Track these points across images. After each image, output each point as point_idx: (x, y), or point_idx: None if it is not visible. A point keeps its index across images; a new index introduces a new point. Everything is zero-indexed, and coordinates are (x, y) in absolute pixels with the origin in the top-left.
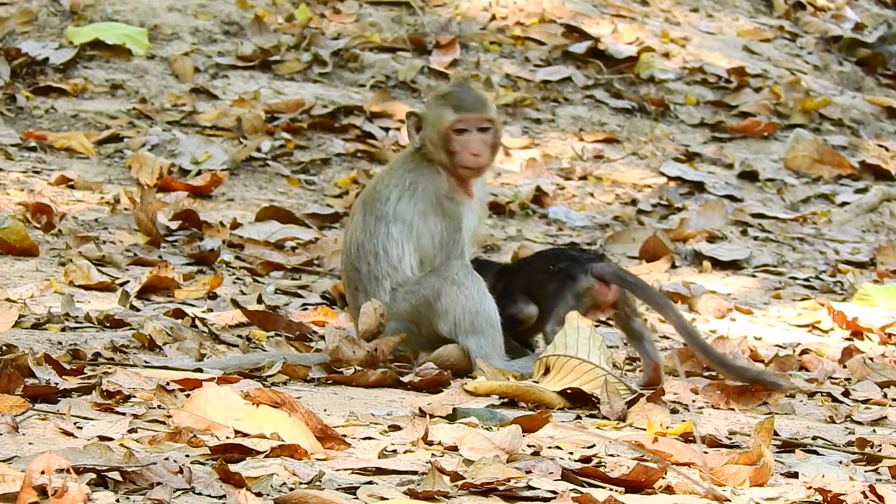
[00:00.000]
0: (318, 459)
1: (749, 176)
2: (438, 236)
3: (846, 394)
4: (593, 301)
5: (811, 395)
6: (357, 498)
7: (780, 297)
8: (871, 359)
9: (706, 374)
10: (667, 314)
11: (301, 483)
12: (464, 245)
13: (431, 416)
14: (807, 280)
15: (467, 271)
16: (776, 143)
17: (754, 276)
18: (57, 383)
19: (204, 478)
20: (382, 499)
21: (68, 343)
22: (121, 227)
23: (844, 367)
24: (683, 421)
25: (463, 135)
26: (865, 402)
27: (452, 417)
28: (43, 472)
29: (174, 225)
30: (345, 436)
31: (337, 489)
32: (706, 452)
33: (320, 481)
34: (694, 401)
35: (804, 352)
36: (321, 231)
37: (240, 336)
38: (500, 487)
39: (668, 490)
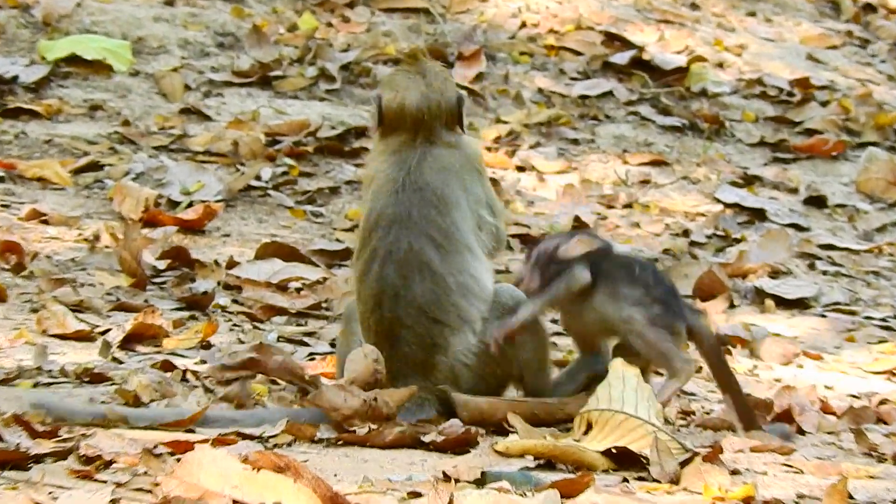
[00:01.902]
0: None
1: (816, 202)
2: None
3: None
4: None
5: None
6: None
7: (854, 339)
8: None
9: (768, 427)
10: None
11: None
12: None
13: (457, 481)
14: (884, 320)
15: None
16: (846, 163)
17: (824, 316)
18: (28, 447)
19: None
20: None
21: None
22: (101, 267)
23: None
24: (745, 483)
25: None
26: None
27: (481, 482)
28: None
29: (162, 264)
30: None
31: None
32: None
33: None
34: (765, 471)
35: (882, 402)
36: (330, 270)
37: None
38: None
39: None
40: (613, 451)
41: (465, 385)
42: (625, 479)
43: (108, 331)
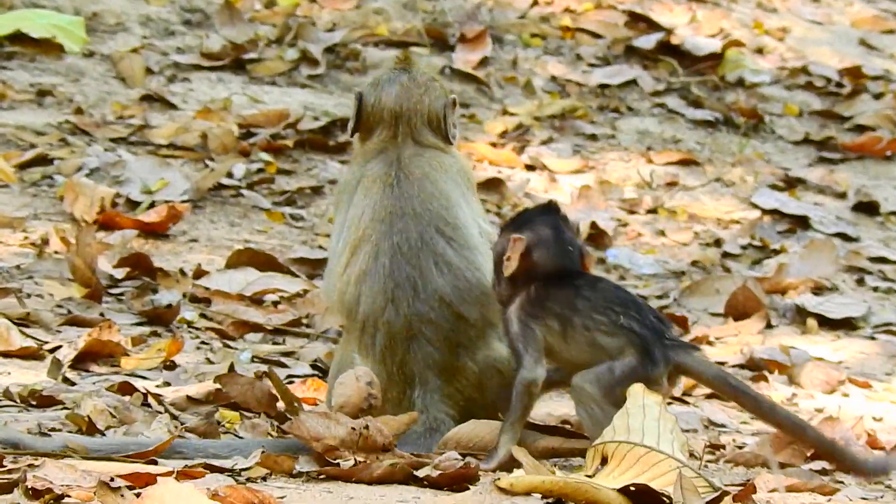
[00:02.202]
0: None
1: (867, 208)
2: (482, 217)
3: None
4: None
5: None
6: None
7: None
8: None
9: (807, 466)
10: (782, 426)
11: None
12: None
13: None
14: None
15: None
16: None
17: (873, 338)
18: None
19: None
20: None
21: None
22: (50, 275)
23: None
24: None
25: None
26: None
27: None
28: None
29: (120, 273)
30: None
31: None
32: None
33: None
34: None
35: None
36: (311, 281)
37: (206, 417)
38: None
39: None
40: (632, 488)
41: (490, 394)
42: None
43: (58, 348)
